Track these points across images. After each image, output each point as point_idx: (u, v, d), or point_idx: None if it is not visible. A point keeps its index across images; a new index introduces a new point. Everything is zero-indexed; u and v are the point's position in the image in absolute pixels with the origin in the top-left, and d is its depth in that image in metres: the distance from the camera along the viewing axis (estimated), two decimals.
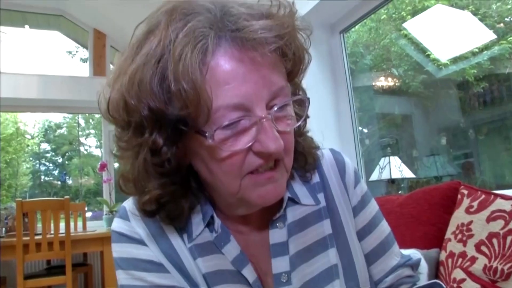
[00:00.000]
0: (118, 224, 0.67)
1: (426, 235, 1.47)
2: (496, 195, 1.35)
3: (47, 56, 5.18)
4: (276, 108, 0.55)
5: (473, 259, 1.26)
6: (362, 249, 0.71)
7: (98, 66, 4.73)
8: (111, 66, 4.77)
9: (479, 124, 4.13)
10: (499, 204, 1.31)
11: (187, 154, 0.60)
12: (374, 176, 2.35)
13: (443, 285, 0.68)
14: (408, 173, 2.32)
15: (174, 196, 0.61)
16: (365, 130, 3.53)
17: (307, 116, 0.66)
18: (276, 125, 0.55)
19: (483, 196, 1.38)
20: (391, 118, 4.14)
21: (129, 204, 0.68)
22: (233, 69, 0.53)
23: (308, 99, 0.63)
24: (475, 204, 1.38)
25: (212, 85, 0.52)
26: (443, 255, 1.38)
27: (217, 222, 0.64)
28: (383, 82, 3.76)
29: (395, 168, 2.24)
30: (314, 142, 0.72)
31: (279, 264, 0.65)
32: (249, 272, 0.63)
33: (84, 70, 5.07)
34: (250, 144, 0.55)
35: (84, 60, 5.50)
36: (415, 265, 0.76)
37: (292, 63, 0.59)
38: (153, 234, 0.65)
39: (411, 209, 1.56)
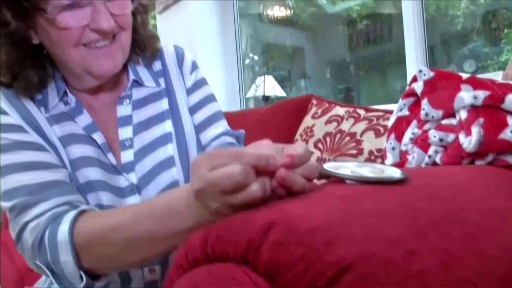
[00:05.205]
0: None
1: (279, 138, 1.68)
2: (336, 104, 1.59)
3: None
4: None
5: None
6: (193, 121, 0.88)
7: None
8: None
9: (361, 60, 4.51)
10: (337, 110, 1.55)
11: (35, 31, 0.72)
12: (250, 94, 2.55)
13: None
14: (280, 92, 2.55)
15: (24, 66, 0.72)
16: (256, 57, 3.69)
17: (147, 10, 0.84)
18: (109, 8, 0.70)
19: (327, 104, 1.61)
20: (283, 49, 4.34)
21: None
22: None
23: None
24: (319, 111, 1.61)
25: None
26: None
27: (71, 97, 0.78)
28: (276, 11, 3.89)
29: (270, 86, 2.45)
30: (155, 34, 0.88)
31: (124, 132, 0.81)
32: (98, 137, 0.77)
33: None
34: (86, 22, 0.69)
35: None
36: (239, 137, 0.93)
37: None
38: (12, 104, 0.74)
39: (270, 117, 1.77)
